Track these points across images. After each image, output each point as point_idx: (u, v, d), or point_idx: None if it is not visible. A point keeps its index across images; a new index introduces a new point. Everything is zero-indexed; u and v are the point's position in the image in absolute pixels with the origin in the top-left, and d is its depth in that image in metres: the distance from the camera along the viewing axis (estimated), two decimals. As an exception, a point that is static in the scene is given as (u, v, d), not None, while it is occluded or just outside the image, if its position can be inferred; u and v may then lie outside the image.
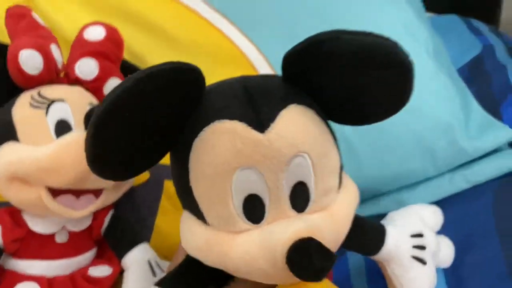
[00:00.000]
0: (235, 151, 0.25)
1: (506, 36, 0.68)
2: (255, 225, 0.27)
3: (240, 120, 0.26)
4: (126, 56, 0.48)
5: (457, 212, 0.46)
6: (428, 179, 0.49)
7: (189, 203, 0.28)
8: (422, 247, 0.37)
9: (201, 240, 0.27)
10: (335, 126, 0.46)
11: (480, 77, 0.59)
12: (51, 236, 0.41)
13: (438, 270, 0.43)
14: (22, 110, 0.39)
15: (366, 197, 0.50)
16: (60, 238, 0.41)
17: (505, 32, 0.76)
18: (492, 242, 0.43)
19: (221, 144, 0.26)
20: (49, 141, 0.37)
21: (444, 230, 0.45)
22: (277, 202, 0.26)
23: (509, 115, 0.54)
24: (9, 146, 0.37)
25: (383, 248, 0.36)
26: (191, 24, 0.47)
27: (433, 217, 0.40)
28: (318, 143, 0.27)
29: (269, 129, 0.26)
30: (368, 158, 0.48)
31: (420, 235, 0.38)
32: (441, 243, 0.39)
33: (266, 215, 0.27)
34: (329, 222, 0.27)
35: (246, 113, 0.26)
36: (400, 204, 0.50)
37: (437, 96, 0.49)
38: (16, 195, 0.38)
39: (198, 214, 0.28)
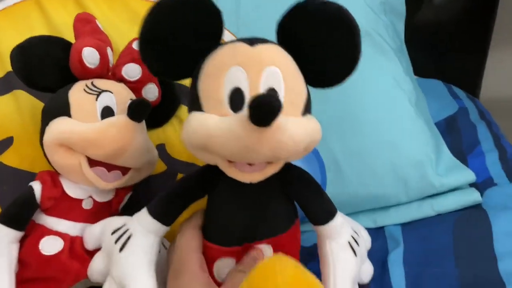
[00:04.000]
0: (232, 55, 0.35)
1: (478, 102, 0.79)
2: (235, 113, 0.34)
3: (239, 41, 0.36)
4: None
5: (422, 233, 0.54)
6: (399, 204, 0.57)
7: (194, 103, 0.36)
8: (356, 242, 0.41)
9: (196, 121, 0.34)
10: (329, 147, 0.55)
11: (453, 131, 0.70)
12: (79, 201, 0.46)
13: (399, 276, 0.50)
14: (77, 93, 0.46)
15: (346, 212, 0.58)
16: (86, 205, 0.47)
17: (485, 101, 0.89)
18: (449, 261, 0.49)
19: (223, 53, 0.35)
20: (95, 121, 0.45)
21: (410, 247, 0.53)
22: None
23: (473, 164, 0.64)
24: (63, 119, 0.44)
25: (331, 222, 0.40)
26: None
27: (367, 237, 0.45)
28: (290, 69, 0.36)
29: (257, 46, 0.35)
30: (352, 179, 0.56)
31: (357, 234, 0.42)
32: (366, 260, 0.43)
33: (245, 106, 0.34)
34: (290, 123, 0.32)
35: (244, 40, 0.36)
36: (374, 223, 0.58)
37: (413, 137, 0.58)
38: (60, 160, 0.44)
39: (198, 107, 0.35)
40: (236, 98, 0.34)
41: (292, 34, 0.37)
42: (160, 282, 0.40)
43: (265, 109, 0.29)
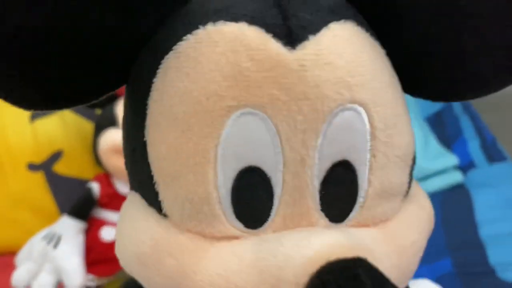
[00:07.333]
0: (235, 72, 0.15)
1: (462, 97, 0.90)
2: (250, 231, 0.16)
3: (254, 23, 0.15)
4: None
5: (415, 211, 0.64)
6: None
7: (139, 175, 0.18)
8: None
9: (146, 239, 0.17)
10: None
11: (440, 124, 0.80)
12: (129, 197, 0.58)
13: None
14: (122, 107, 0.57)
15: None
16: (134, 200, 0.58)
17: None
18: (438, 231, 0.59)
19: (211, 60, 0.15)
20: (139, 129, 0.56)
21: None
22: (296, 191, 0.16)
23: (457, 150, 0.74)
24: (112, 130, 0.55)
25: None
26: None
27: None
28: (386, 93, 0.16)
29: (305, 44, 0.15)
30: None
31: None
32: None
33: (273, 214, 0.16)
34: (387, 248, 0.16)
35: (266, 15, 0.15)
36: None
37: (404, 130, 0.68)
38: (114, 163, 0.54)
39: (150, 195, 0.17)
40: (249, 193, 0.16)
41: None
42: None
43: None
